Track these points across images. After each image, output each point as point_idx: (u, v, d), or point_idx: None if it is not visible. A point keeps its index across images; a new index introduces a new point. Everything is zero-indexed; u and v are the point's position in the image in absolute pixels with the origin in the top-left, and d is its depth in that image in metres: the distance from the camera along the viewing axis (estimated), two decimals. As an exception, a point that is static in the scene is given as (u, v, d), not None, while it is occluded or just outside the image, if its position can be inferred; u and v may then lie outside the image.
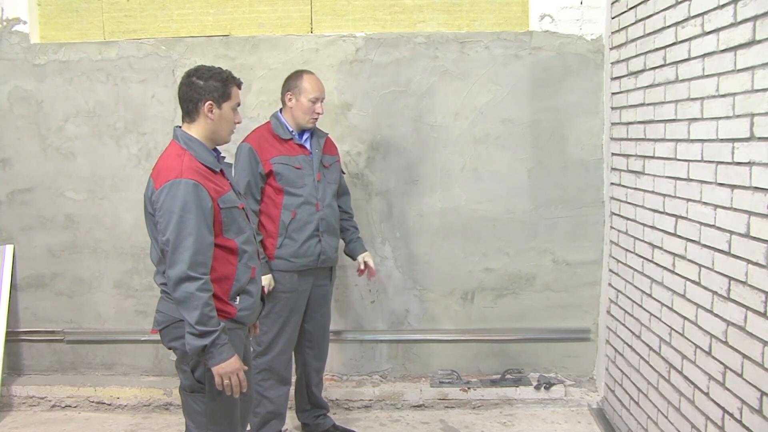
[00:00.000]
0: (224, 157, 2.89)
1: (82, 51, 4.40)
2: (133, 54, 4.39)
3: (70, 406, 4.40)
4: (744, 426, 2.53)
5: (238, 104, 2.85)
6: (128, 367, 4.61)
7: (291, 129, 3.66)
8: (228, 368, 2.63)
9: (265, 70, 4.36)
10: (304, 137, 3.71)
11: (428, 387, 4.42)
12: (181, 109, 2.80)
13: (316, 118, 3.66)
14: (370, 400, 4.36)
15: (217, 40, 4.37)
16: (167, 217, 2.59)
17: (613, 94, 4.08)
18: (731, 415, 2.63)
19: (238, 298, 2.76)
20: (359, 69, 4.35)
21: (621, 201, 3.95)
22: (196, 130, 2.77)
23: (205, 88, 2.74)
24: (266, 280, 3.51)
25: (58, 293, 4.59)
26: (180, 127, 2.81)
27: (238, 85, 2.86)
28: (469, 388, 4.40)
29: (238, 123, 2.87)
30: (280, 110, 3.72)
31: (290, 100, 3.65)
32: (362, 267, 3.90)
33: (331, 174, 3.77)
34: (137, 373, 4.61)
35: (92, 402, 4.41)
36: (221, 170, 2.81)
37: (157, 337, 2.84)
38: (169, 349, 2.80)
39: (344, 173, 4.04)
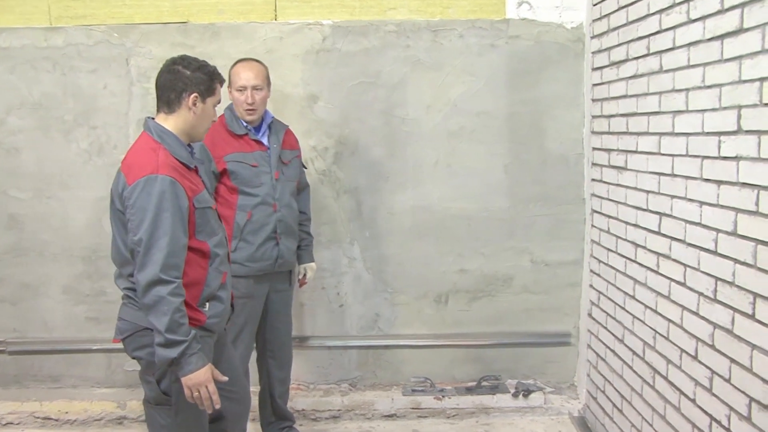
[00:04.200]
0: (195, 153, 2.85)
1: (26, 37, 4.31)
2: (82, 41, 4.31)
3: (12, 423, 4.30)
4: (732, 434, 2.55)
5: (219, 101, 2.84)
6: (77, 379, 4.53)
7: (246, 123, 3.61)
8: (198, 379, 2.60)
9: (226, 59, 4.29)
10: (262, 132, 3.66)
11: (400, 395, 4.40)
12: (158, 99, 2.76)
13: (250, 110, 3.57)
14: (339, 410, 4.33)
15: (174, 28, 4.31)
16: (140, 215, 2.56)
17: (594, 85, 4.10)
18: (719, 422, 2.65)
19: (207, 304, 2.74)
20: (326, 59, 4.32)
21: (602, 198, 3.97)
22: (173, 123, 2.74)
23: (192, 79, 2.72)
24: None
25: (0, 300, 4.49)
26: (152, 118, 2.77)
27: (221, 82, 2.85)
28: (443, 397, 4.39)
29: (214, 121, 2.86)
30: None
31: (230, 93, 3.62)
32: (300, 277, 3.91)
33: (291, 171, 3.73)
34: (87, 385, 4.52)
35: (37, 418, 4.32)
36: (195, 167, 2.79)
37: (111, 345, 2.81)
38: (133, 359, 2.76)
39: (305, 168, 4.01)
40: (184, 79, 2.72)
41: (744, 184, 2.47)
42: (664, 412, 3.13)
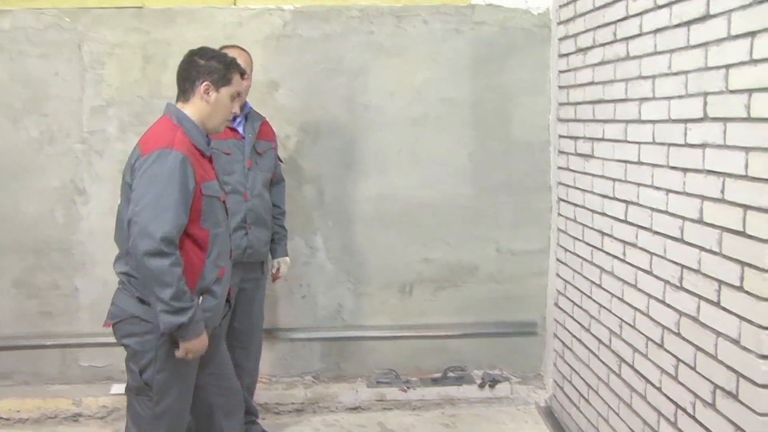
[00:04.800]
0: (210, 144, 2.91)
1: (-27, 21, 4.22)
2: (31, 25, 4.23)
3: (-39, 423, 4.24)
4: (697, 421, 2.61)
5: (239, 94, 2.90)
6: (30, 375, 4.46)
7: None
8: (198, 345, 2.70)
9: (183, 45, 4.22)
10: (237, 120, 3.67)
11: (365, 388, 4.42)
12: (177, 89, 2.85)
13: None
14: (302, 403, 4.33)
15: (129, 12, 4.25)
16: (147, 185, 2.60)
17: (560, 72, 4.14)
18: (684, 410, 2.71)
19: (200, 297, 2.76)
20: (287, 45, 4.30)
21: (568, 186, 4.02)
22: (189, 111, 2.81)
23: (205, 67, 2.79)
24: None
25: (-51, 294, 4.41)
26: (176, 101, 2.85)
27: (242, 73, 2.90)
28: (408, 388, 4.42)
29: (235, 114, 2.93)
30: None
31: None
32: (274, 271, 3.92)
33: (265, 162, 3.74)
34: (41, 382, 4.46)
35: (-12, 417, 4.26)
36: (210, 157, 2.86)
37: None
38: (121, 345, 2.81)
39: (281, 162, 4.01)
40: (198, 68, 2.79)
41: (710, 172, 2.52)
42: (630, 400, 3.19)
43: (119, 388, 4.32)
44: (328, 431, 4.11)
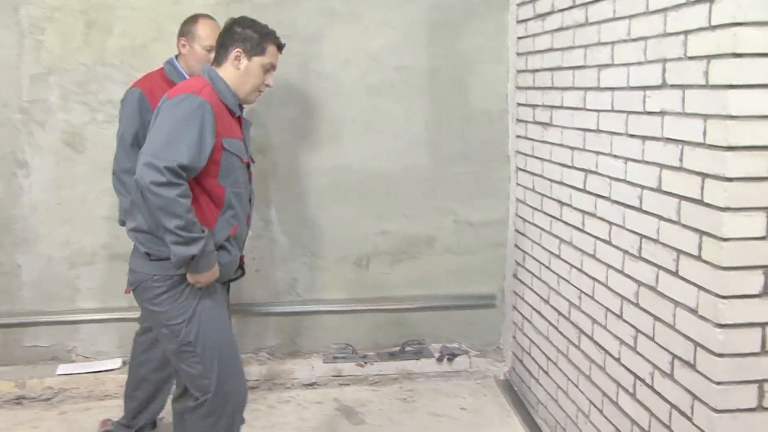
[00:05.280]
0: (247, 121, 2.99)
1: None
2: (-36, -12, 4.10)
3: None
4: (655, 391, 2.65)
5: (273, 66, 2.94)
6: (-29, 355, 4.39)
7: (187, 77, 3.58)
8: (210, 277, 2.76)
9: (127, 10, 4.18)
10: None
11: (321, 363, 4.43)
12: (215, 56, 2.94)
13: None
14: (257, 380, 4.32)
15: (68, -27, 4.14)
16: (162, 122, 2.67)
17: (518, 38, 4.14)
18: (642, 380, 2.75)
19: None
20: (237, 10, 4.20)
21: (527, 155, 4.03)
22: (222, 74, 2.87)
23: (240, 35, 2.87)
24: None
25: None
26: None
27: (279, 46, 2.96)
28: (365, 363, 4.43)
29: (268, 86, 2.95)
30: (176, 56, 3.65)
31: (184, 47, 3.59)
32: None
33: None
34: (-18, 362, 4.39)
35: (-77, 401, 4.17)
36: (239, 117, 2.90)
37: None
38: (147, 310, 2.86)
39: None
40: (233, 35, 2.87)
41: (668, 140, 2.54)
42: (590, 372, 3.23)
43: (65, 368, 4.27)
44: (283, 408, 4.11)
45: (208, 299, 2.81)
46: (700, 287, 2.36)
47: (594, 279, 3.16)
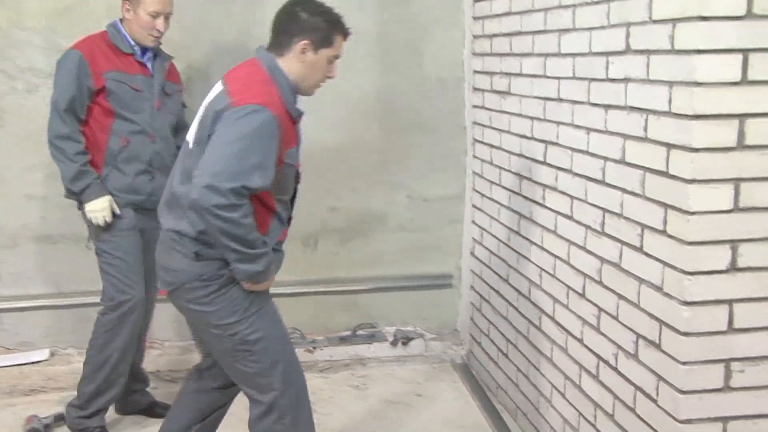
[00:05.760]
0: (299, 104, 2.84)
1: None
2: None
3: None
4: (619, 373, 2.69)
5: (338, 57, 2.81)
6: None
7: (132, 43, 3.54)
8: (268, 285, 2.78)
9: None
10: (147, 56, 3.59)
11: (267, 350, 4.41)
12: (272, 39, 2.77)
13: (158, 36, 3.54)
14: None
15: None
16: (229, 139, 2.55)
17: (475, 1, 4.13)
18: (606, 362, 2.79)
19: None
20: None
21: (484, 126, 4.04)
22: (283, 66, 2.74)
23: (308, 23, 2.71)
24: (104, 202, 3.47)
25: None
26: (267, 50, 2.78)
27: (345, 35, 2.80)
28: (314, 348, 4.43)
29: (330, 78, 2.86)
30: (120, 20, 3.58)
31: (128, 11, 3.51)
32: None
33: (172, 104, 3.70)
34: None
35: None
36: (296, 120, 2.78)
37: None
38: (187, 311, 2.82)
39: (185, 107, 3.91)
40: (299, 23, 2.71)
41: (632, 108, 2.56)
42: (551, 354, 3.27)
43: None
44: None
45: (259, 294, 2.78)
46: (665, 263, 2.39)
47: (555, 256, 3.19)
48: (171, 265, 2.77)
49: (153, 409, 3.86)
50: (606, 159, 2.75)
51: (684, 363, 2.32)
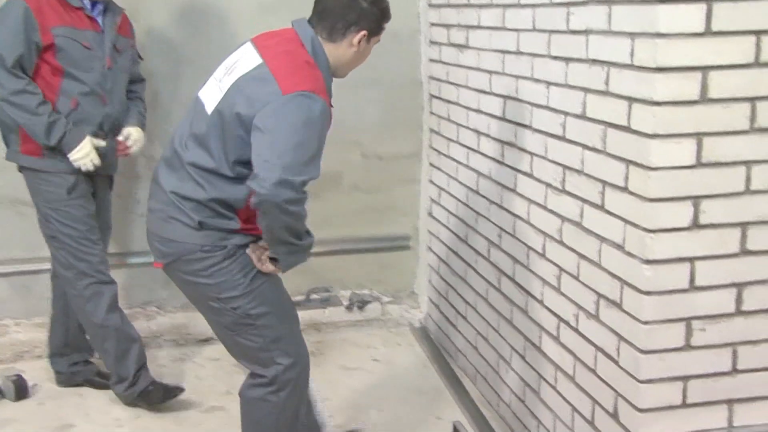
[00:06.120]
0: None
1: None
2: None
3: None
4: (580, 334, 2.74)
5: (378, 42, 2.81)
6: None
7: None
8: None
9: None
10: (97, 10, 3.51)
11: (217, 317, 4.41)
12: (318, 17, 2.71)
13: None
14: (145, 337, 4.25)
15: None
16: (288, 129, 2.51)
17: (429, -51, 4.11)
18: (566, 322, 2.84)
19: None
20: None
21: (441, 81, 4.04)
22: (328, 50, 2.72)
23: (368, 13, 2.69)
24: (86, 146, 3.45)
25: None
26: (311, 25, 2.72)
27: (389, 20, 2.81)
28: (267, 315, 4.43)
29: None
30: None
31: None
32: (121, 138, 3.70)
33: (124, 61, 3.64)
34: None
35: None
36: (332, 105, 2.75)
37: None
38: (187, 283, 2.79)
39: (141, 59, 3.85)
40: (359, 12, 2.67)
41: (594, 61, 2.57)
42: (511, 316, 3.31)
43: None
44: (177, 367, 4.09)
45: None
46: (626, 221, 2.42)
47: (515, 215, 3.22)
48: (168, 235, 2.72)
49: (97, 380, 3.85)
50: (566, 114, 2.77)
51: (645, 322, 2.37)
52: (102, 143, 3.52)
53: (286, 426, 2.88)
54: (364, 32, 2.70)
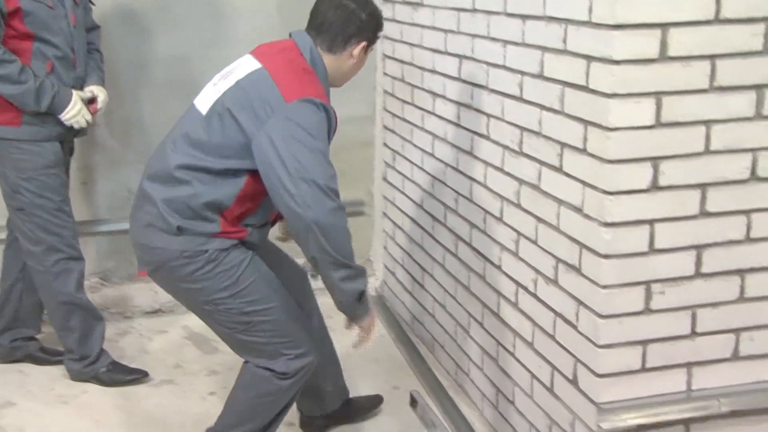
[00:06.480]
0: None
1: None
2: None
3: None
4: (539, 299, 2.77)
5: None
6: None
7: None
8: (370, 322, 2.87)
9: None
10: None
11: (165, 287, 4.39)
12: (317, 30, 2.78)
13: None
14: (90, 310, 4.25)
15: None
16: (306, 139, 2.57)
17: None
18: (525, 288, 2.86)
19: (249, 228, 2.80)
20: None
21: (395, 40, 4.02)
22: (328, 61, 2.79)
23: (367, 24, 2.78)
24: (76, 103, 3.44)
25: None
26: (309, 35, 2.79)
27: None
28: (217, 285, 4.41)
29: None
30: None
31: None
32: (89, 95, 3.66)
33: (83, 14, 3.61)
34: None
35: None
36: None
37: None
38: (177, 290, 2.84)
39: (93, 4, 3.76)
40: (359, 24, 2.76)
41: (551, 18, 2.57)
42: (468, 282, 3.33)
43: None
44: (123, 341, 4.07)
45: (249, 264, 2.76)
46: (585, 183, 2.44)
47: (471, 179, 3.23)
48: (148, 242, 2.75)
49: (40, 356, 3.82)
50: (523, 73, 2.77)
51: (604, 287, 2.39)
52: (88, 94, 3.54)
53: (277, 409, 2.90)
54: (363, 43, 2.79)
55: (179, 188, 2.67)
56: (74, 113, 3.43)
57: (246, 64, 2.77)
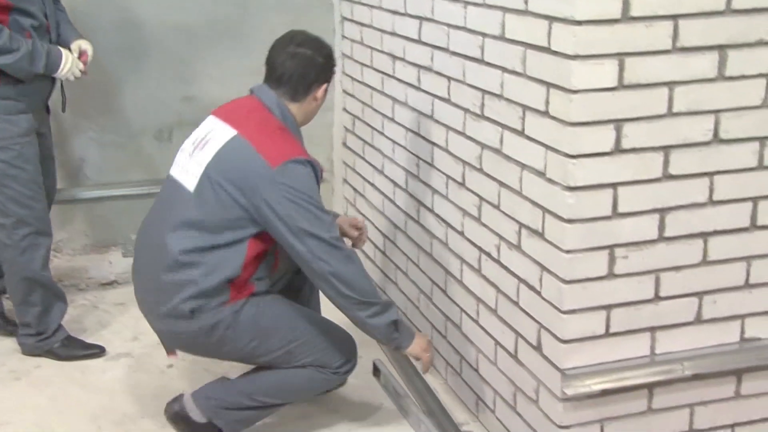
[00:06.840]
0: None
1: None
2: None
3: None
4: (502, 265, 2.79)
5: None
6: None
7: None
8: (423, 343, 2.95)
9: None
10: None
11: (120, 258, 4.39)
12: (279, 84, 2.84)
13: None
14: (43, 283, 4.21)
15: None
16: (305, 199, 2.70)
17: None
18: (488, 254, 2.88)
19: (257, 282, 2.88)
20: None
21: (353, 2, 4.00)
22: (295, 110, 2.89)
23: (325, 67, 2.90)
24: (66, 57, 3.46)
25: None
26: (270, 88, 2.87)
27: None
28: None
29: None
30: None
31: None
32: (81, 51, 3.65)
33: None
34: None
35: None
36: None
37: None
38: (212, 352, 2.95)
39: None
40: (318, 69, 2.87)
41: (512, -22, 2.57)
42: (431, 248, 3.34)
43: None
44: (80, 314, 4.04)
45: (264, 309, 2.85)
46: (547, 146, 2.45)
47: (433, 143, 3.23)
48: (172, 330, 2.86)
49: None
50: (485, 35, 2.77)
51: (568, 251, 2.41)
52: (77, 50, 3.57)
53: (302, 392, 3.03)
54: (325, 85, 2.91)
55: (187, 272, 2.74)
56: (68, 67, 3.45)
57: (220, 131, 2.82)
